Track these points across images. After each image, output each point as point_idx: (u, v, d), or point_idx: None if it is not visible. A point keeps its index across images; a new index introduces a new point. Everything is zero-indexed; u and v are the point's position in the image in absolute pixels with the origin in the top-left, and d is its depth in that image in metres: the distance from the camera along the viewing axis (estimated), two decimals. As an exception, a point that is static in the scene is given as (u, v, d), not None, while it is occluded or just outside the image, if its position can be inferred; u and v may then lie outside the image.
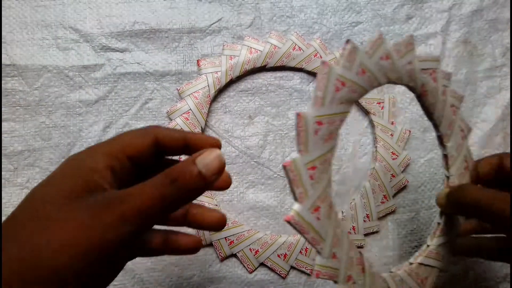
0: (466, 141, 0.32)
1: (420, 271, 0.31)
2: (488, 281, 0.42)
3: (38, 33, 0.41)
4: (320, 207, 0.24)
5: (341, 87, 0.24)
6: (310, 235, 0.23)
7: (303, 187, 0.23)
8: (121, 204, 0.19)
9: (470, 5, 0.45)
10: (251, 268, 0.39)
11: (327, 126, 0.24)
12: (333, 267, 0.25)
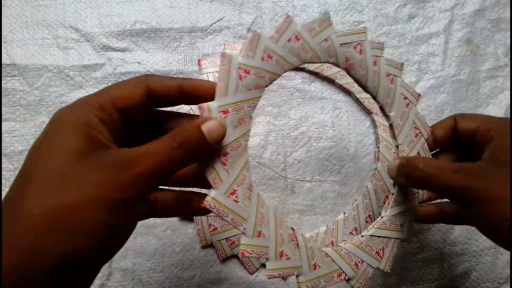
0: (412, 108, 0.32)
1: (372, 243, 0.31)
2: (491, 282, 0.41)
3: (39, 33, 0.41)
4: (236, 191, 0.25)
5: (245, 75, 0.25)
6: (229, 217, 0.25)
7: (216, 173, 0.24)
8: (136, 164, 0.20)
9: (472, 5, 0.45)
10: (252, 269, 0.39)
11: (233, 114, 0.25)
12: (260, 245, 0.26)
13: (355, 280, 0.30)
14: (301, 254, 0.27)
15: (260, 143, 0.41)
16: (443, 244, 0.41)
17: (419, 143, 0.32)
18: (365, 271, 0.30)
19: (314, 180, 0.41)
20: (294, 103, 0.42)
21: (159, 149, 0.21)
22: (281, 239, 0.27)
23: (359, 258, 0.30)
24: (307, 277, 0.28)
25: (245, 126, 0.26)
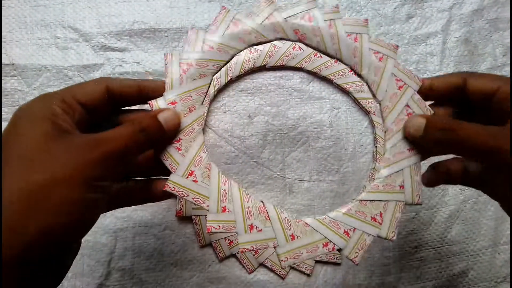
0: (389, 61, 0.30)
1: (364, 209, 0.29)
2: (489, 281, 0.41)
3: (38, 33, 0.41)
4: (194, 171, 0.27)
5: (187, 67, 0.28)
6: (190, 197, 0.27)
7: (171, 158, 0.27)
8: (104, 144, 0.22)
9: (470, 5, 0.45)
10: (250, 269, 0.39)
11: (182, 103, 0.28)
12: (226, 219, 0.27)
13: (349, 250, 0.28)
14: (273, 226, 0.28)
15: (259, 143, 0.41)
16: (441, 243, 0.41)
17: (406, 94, 0.29)
18: (361, 239, 0.28)
19: (312, 180, 0.41)
20: (292, 103, 0.42)
21: (123, 132, 0.24)
22: (249, 212, 0.28)
23: (348, 226, 0.29)
24: (285, 248, 0.28)
25: (197, 113, 0.28)
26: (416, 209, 0.41)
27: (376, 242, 0.41)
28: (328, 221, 0.29)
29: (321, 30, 0.30)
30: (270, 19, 0.30)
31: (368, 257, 0.40)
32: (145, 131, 0.24)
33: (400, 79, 0.30)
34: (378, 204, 0.29)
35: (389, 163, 0.29)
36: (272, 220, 0.28)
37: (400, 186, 0.29)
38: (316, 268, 0.40)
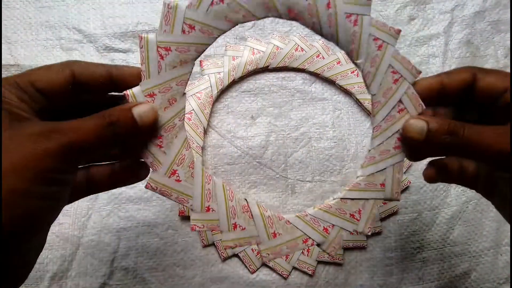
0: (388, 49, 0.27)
1: (344, 206, 0.29)
2: (491, 282, 0.41)
3: (42, 34, 0.41)
4: (177, 171, 0.26)
5: (166, 52, 0.24)
6: (173, 196, 0.26)
7: (152, 156, 0.25)
8: (62, 135, 0.20)
9: (472, 7, 0.45)
10: (253, 269, 0.39)
11: (161, 95, 0.25)
12: (210, 219, 0.27)
13: (327, 244, 0.29)
14: (256, 224, 0.28)
15: (261, 144, 0.42)
16: (443, 244, 0.41)
17: (400, 89, 0.27)
18: (338, 235, 0.29)
19: (314, 181, 0.42)
20: (295, 104, 0.43)
21: (87, 124, 0.21)
22: (233, 211, 0.28)
23: (328, 223, 0.29)
24: (266, 246, 0.29)
25: (177, 106, 0.25)
26: (418, 210, 0.42)
27: (378, 243, 0.41)
28: (309, 218, 0.30)
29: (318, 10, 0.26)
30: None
31: (370, 258, 0.41)
32: (115, 125, 0.22)
33: (396, 71, 0.27)
34: (357, 202, 0.29)
35: (374, 162, 0.28)
36: (255, 219, 0.29)
37: (381, 184, 0.29)
38: (318, 269, 0.40)
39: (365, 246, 0.40)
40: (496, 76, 0.25)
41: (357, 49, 0.27)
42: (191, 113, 0.40)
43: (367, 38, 0.26)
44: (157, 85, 0.25)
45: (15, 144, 0.19)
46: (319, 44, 0.43)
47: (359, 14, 0.26)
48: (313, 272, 0.39)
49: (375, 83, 0.27)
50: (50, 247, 0.38)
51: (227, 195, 0.28)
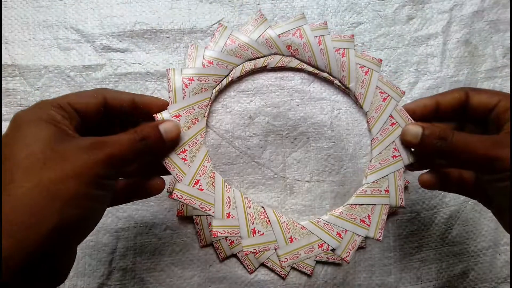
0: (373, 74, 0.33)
1: (354, 212, 0.32)
2: (489, 282, 0.41)
3: (40, 34, 0.41)
4: (199, 180, 0.29)
5: (189, 82, 0.30)
6: (197, 204, 0.29)
7: (178, 168, 0.29)
8: (107, 147, 0.24)
9: (471, 6, 0.45)
10: (251, 269, 0.39)
11: (185, 116, 0.29)
12: (231, 225, 0.30)
13: (341, 250, 0.31)
14: (274, 229, 0.31)
15: (259, 143, 0.41)
16: (442, 244, 0.41)
17: (389, 106, 0.32)
18: (351, 240, 0.31)
19: (313, 180, 0.42)
20: (293, 104, 0.42)
21: (124, 139, 0.25)
22: (252, 218, 0.30)
23: (341, 228, 0.31)
24: (285, 250, 0.31)
25: (199, 125, 0.30)
26: (416, 210, 0.42)
27: (376, 243, 0.41)
28: (323, 224, 0.32)
29: (312, 46, 0.32)
30: (264, 35, 0.32)
31: (368, 258, 0.41)
32: (145, 140, 0.26)
33: (384, 91, 0.33)
34: (366, 207, 0.32)
35: (376, 170, 0.32)
36: (273, 224, 0.31)
37: (386, 190, 0.32)
38: (317, 268, 0.40)
39: (364, 246, 0.40)
40: (487, 94, 0.29)
41: (347, 75, 0.33)
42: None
43: (355, 66, 0.32)
44: (182, 107, 0.30)
45: (71, 154, 0.23)
46: (318, 43, 0.43)
47: (345, 48, 0.33)
48: (311, 272, 0.39)
49: (366, 102, 0.32)
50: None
51: (245, 202, 0.31)
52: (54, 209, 0.22)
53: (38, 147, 0.23)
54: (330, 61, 0.33)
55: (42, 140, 0.23)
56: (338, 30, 0.44)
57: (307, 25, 0.33)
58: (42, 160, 0.22)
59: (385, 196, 0.32)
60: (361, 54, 0.33)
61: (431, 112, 0.31)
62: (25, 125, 0.24)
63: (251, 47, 0.32)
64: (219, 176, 0.31)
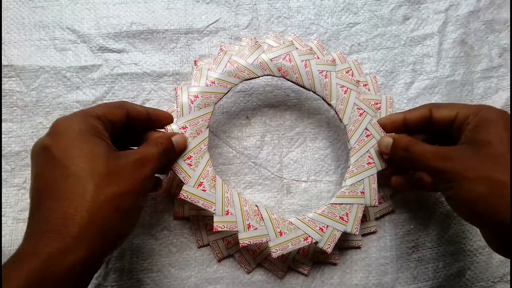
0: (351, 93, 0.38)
1: (334, 210, 0.37)
2: (485, 281, 0.42)
3: (36, 34, 0.41)
4: (203, 183, 0.34)
5: (194, 99, 0.35)
6: (200, 203, 0.34)
7: (184, 172, 0.34)
8: (149, 163, 0.29)
9: (466, 6, 0.46)
10: (248, 269, 0.39)
11: (191, 128, 0.35)
12: (229, 221, 0.34)
13: (323, 242, 0.36)
14: (266, 224, 0.35)
15: (256, 144, 0.41)
16: (438, 243, 0.42)
17: (365, 120, 0.38)
18: (332, 234, 0.36)
19: (309, 180, 0.42)
20: (289, 104, 0.43)
21: (154, 152, 0.30)
22: (247, 214, 0.35)
23: (323, 224, 0.36)
24: (275, 242, 0.35)
25: (203, 135, 0.35)
26: (413, 209, 0.42)
27: (373, 242, 0.41)
28: (308, 220, 0.36)
29: (299, 69, 0.37)
30: (258, 59, 0.37)
31: (365, 257, 0.41)
32: (165, 150, 0.31)
33: (360, 107, 0.38)
34: (344, 207, 0.37)
35: (353, 174, 0.37)
36: (265, 220, 0.35)
37: (361, 192, 0.37)
38: (314, 269, 0.40)
39: (360, 246, 0.40)
40: (447, 109, 0.33)
41: (329, 94, 0.38)
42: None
43: (336, 86, 0.38)
44: (188, 120, 0.35)
45: (125, 171, 0.27)
46: (314, 44, 0.43)
47: (328, 70, 0.38)
48: (308, 272, 0.39)
49: (345, 116, 0.38)
50: (44, 248, 0.38)
51: (241, 201, 0.35)
52: (118, 220, 0.26)
53: (100, 164, 0.26)
54: (314, 81, 0.38)
55: (101, 155, 0.26)
56: (334, 31, 0.44)
57: (295, 51, 0.38)
58: (105, 176, 0.25)
59: (361, 197, 0.37)
60: (341, 76, 0.39)
61: (399, 126, 0.36)
62: (77, 137, 0.26)
63: (247, 69, 0.37)
64: (219, 179, 0.35)
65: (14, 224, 0.38)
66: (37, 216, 0.25)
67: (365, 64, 0.44)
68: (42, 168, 0.26)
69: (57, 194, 0.24)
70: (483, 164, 0.28)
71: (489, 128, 0.29)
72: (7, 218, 0.38)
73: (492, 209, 0.28)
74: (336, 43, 0.44)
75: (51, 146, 0.26)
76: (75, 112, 0.28)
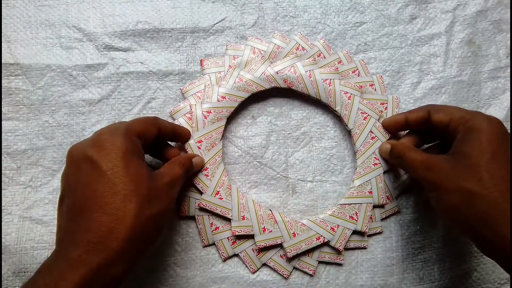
0: (355, 99, 0.40)
1: (344, 210, 0.39)
2: (492, 283, 0.41)
3: (42, 32, 0.41)
4: (219, 191, 0.38)
5: (208, 114, 0.38)
6: (218, 210, 0.37)
7: (202, 182, 0.38)
8: (176, 184, 0.32)
9: (474, 6, 0.45)
10: (253, 269, 0.39)
11: (206, 141, 0.38)
12: (245, 225, 0.37)
13: (335, 241, 0.38)
14: (280, 227, 0.38)
15: (262, 143, 0.41)
16: (444, 244, 0.41)
17: (369, 124, 0.40)
18: (343, 233, 0.38)
19: (315, 180, 0.41)
20: (295, 104, 0.42)
21: (179, 173, 0.33)
22: (262, 218, 0.38)
23: (333, 224, 0.38)
24: (290, 243, 0.38)
25: (217, 147, 0.38)
26: (419, 210, 0.41)
27: (379, 243, 0.41)
28: (319, 221, 0.38)
29: (303, 79, 0.40)
30: (265, 73, 0.39)
31: (371, 258, 0.40)
32: (187, 169, 0.34)
33: (364, 112, 0.40)
34: (353, 206, 0.39)
35: (360, 175, 0.39)
36: (279, 223, 0.38)
37: (369, 191, 0.39)
38: (319, 269, 0.40)
39: (366, 247, 0.40)
40: (443, 112, 0.34)
41: (333, 101, 0.40)
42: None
43: (339, 92, 0.40)
44: (203, 134, 0.38)
45: (162, 192, 0.30)
46: (320, 43, 0.43)
47: (331, 79, 0.40)
48: (313, 272, 0.39)
49: (350, 121, 0.40)
50: (50, 247, 0.38)
51: (256, 207, 0.38)
52: (157, 236, 0.30)
53: (143, 185, 0.28)
54: (319, 90, 0.40)
55: (143, 177, 0.28)
56: (341, 30, 0.43)
57: (300, 62, 0.40)
58: (146, 198, 0.28)
59: (369, 196, 0.39)
60: (344, 83, 0.40)
61: (402, 126, 0.38)
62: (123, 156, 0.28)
63: (255, 83, 0.39)
64: (234, 187, 0.38)
65: (21, 222, 0.38)
66: (83, 224, 0.26)
67: (372, 64, 0.44)
68: (88, 178, 0.27)
69: (104, 208, 0.26)
70: (458, 175, 0.30)
71: (473, 141, 0.31)
72: (13, 216, 0.38)
73: (464, 218, 0.30)
74: (342, 42, 0.44)
75: (99, 160, 0.27)
76: (118, 127, 0.30)
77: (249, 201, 0.38)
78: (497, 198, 0.28)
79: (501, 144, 0.30)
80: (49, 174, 0.39)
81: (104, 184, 0.27)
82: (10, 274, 0.37)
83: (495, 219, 0.28)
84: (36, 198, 0.39)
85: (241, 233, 0.37)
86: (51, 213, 0.38)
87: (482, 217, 0.28)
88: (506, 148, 0.30)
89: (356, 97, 0.40)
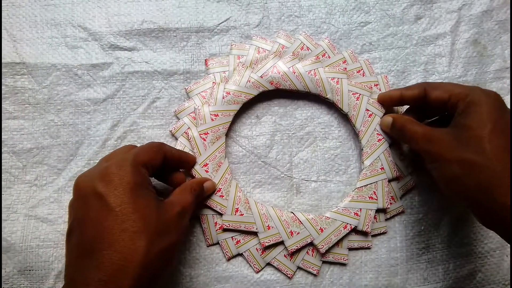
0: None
1: (362, 193, 0.39)
2: (496, 283, 0.41)
3: (48, 32, 0.41)
4: (238, 208, 0.38)
5: (205, 135, 0.38)
6: (242, 226, 0.38)
7: (219, 204, 0.38)
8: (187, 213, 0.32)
9: (480, 6, 0.45)
10: (257, 268, 0.39)
11: (211, 162, 0.38)
12: (273, 234, 0.38)
13: (361, 225, 0.39)
14: (305, 226, 0.38)
15: (266, 143, 0.41)
16: (449, 245, 0.41)
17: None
18: (367, 214, 0.39)
19: (319, 180, 0.41)
20: (300, 103, 0.42)
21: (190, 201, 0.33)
22: (286, 223, 0.38)
23: (356, 208, 0.39)
24: (319, 239, 0.38)
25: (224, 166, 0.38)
26: (423, 211, 0.41)
27: (383, 243, 0.41)
28: (341, 209, 0.39)
29: (288, 75, 0.40)
30: (250, 80, 0.39)
31: (375, 258, 0.40)
32: (198, 194, 0.35)
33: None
34: (370, 186, 0.39)
35: (368, 155, 0.40)
36: (304, 223, 0.38)
37: (381, 168, 0.40)
38: (323, 269, 0.40)
39: (370, 247, 0.40)
40: (441, 89, 0.34)
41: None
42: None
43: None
44: (207, 157, 0.38)
45: (172, 225, 0.30)
46: (325, 43, 0.43)
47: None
48: (317, 272, 0.39)
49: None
50: (55, 245, 0.38)
51: (278, 214, 0.38)
52: (167, 268, 0.30)
53: (152, 221, 0.28)
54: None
55: (152, 212, 0.29)
56: (345, 29, 0.43)
57: (280, 61, 0.40)
58: (156, 233, 0.28)
59: (382, 173, 0.39)
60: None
61: (396, 102, 0.39)
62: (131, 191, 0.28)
63: (243, 93, 0.39)
64: (252, 200, 0.38)
65: (26, 220, 0.38)
66: (93, 261, 0.26)
67: (377, 64, 0.43)
68: (97, 214, 0.27)
69: (113, 246, 0.26)
70: (459, 147, 0.31)
71: (473, 114, 0.31)
72: (18, 215, 0.38)
73: (464, 188, 0.30)
74: (347, 42, 0.43)
75: (107, 196, 0.27)
76: (125, 158, 0.30)
77: (270, 210, 0.38)
78: (498, 168, 0.29)
79: (501, 115, 0.31)
80: (54, 173, 0.39)
81: (113, 221, 0.27)
82: (15, 272, 0.37)
83: (496, 188, 0.28)
84: (42, 197, 0.39)
85: (270, 243, 0.37)
86: (56, 211, 0.39)
87: (483, 187, 0.29)
88: (506, 119, 0.31)
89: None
